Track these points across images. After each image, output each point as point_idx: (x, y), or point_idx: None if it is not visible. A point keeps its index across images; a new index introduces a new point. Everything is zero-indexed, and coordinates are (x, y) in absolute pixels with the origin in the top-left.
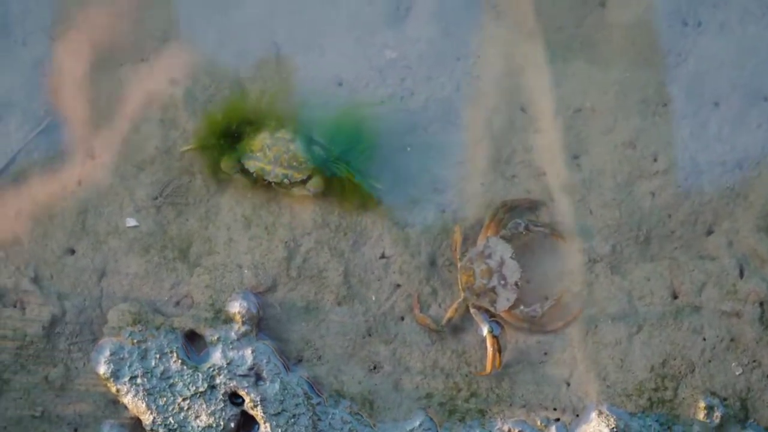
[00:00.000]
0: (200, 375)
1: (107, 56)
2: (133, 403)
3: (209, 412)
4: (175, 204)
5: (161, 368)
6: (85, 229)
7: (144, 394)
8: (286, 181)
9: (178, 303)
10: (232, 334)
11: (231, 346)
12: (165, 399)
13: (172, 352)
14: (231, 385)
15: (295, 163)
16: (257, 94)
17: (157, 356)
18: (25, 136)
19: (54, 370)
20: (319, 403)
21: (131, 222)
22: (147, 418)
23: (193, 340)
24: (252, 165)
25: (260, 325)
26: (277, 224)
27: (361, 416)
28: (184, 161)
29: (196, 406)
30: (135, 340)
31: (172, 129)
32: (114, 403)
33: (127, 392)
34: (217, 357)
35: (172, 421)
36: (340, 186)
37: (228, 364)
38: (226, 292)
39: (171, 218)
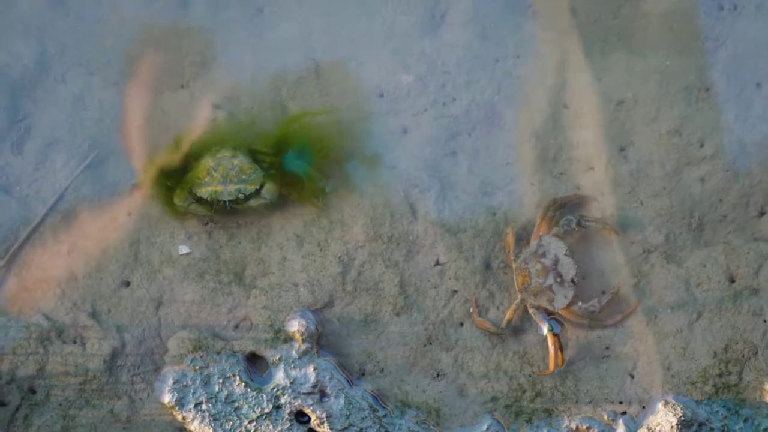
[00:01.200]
0: (264, 396)
1: (147, 85)
2: (200, 429)
3: None
4: (226, 228)
5: (225, 392)
6: (139, 259)
7: (210, 420)
8: (241, 196)
9: (237, 326)
10: (293, 352)
11: (293, 365)
12: (231, 423)
13: (234, 375)
14: (296, 403)
15: (244, 176)
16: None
17: (220, 381)
18: (71, 172)
19: (119, 403)
20: (385, 415)
21: (184, 249)
22: None
23: (254, 362)
24: (204, 191)
25: (320, 341)
26: (329, 240)
27: (428, 425)
28: None
29: (262, 427)
30: (197, 367)
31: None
32: (181, 431)
33: (194, 419)
34: (280, 377)
35: None
36: (296, 186)
37: (291, 383)
38: (284, 312)
39: (223, 242)
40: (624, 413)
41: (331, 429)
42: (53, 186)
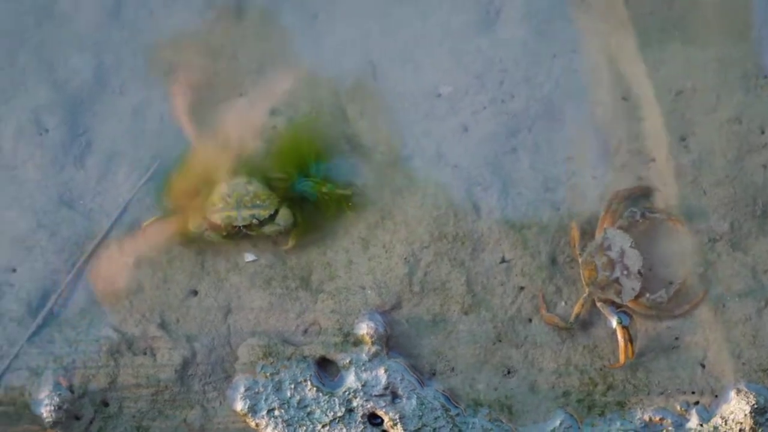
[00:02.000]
0: (336, 400)
1: (205, 95)
2: None
3: None
4: (292, 233)
5: (297, 398)
6: (205, 269)
7: (283, 426)
8: (255, 221)
9: (305, 331)
10: (363, 355)
11: (364, 368)
12: (305, 428)
13: (305, 380)
14: (368, 406)
15: (258, 201)
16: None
17: (292, 386)
18: (134, 184)
19: (192, 413)
20: (458, 414)
21: (250, 257)
22: None
23: (325, 366)
24: (218, 216)
25: (390, 343)
26: (395, 241)
27: (501, 422)
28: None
29: (336, 431)
30: (268, 373)
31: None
32: None
33: (267, 425)
34: (351, 380)
35: None
36: (313, 205)
37: (363, 385)
38: (352, 315)
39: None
40: (697, 403)
41: (404, 430)
42: (117, 199)
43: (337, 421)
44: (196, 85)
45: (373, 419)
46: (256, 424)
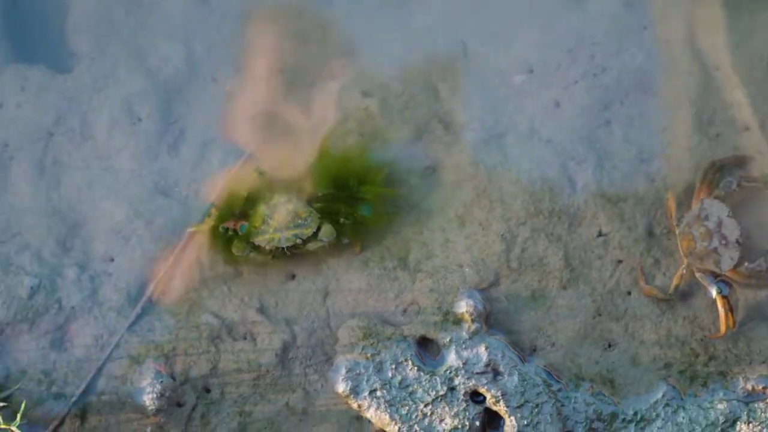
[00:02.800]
0: (438, 379)
1: (296, 79)
2: (377, 416)
3: (453, 414)
4: (387, 213)
5: (399, 378)
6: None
7: (386, 406)
8: (298, 241)
9: (405, 311)
10: (464, 333)
11: (464, 346)
12: (407, 407)
13: (406, 360)
14: (470, 384)
15: (299, 221)
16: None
17: (393, 367)
18: (228, 170)
19: (294, 396)
20: (560, 389)
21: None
22: (392, 429)
23: (425, 346)
24: (262, 240)
25: (489, 320)
26: (491, 218)
27: (604, 395)
28: (389, 171)
29: (439, 410)
30: (369, 354)
31: (372, 141)
32: (357, 420)
33: (369, 406)
34: (452, 358)
35: (418, 429)
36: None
37: (464, 363)
38: (451, 293)
39: (385, 229)
40: None
41: (507, 407)
42: (212, 185)
43: (439, 399)
44: (286, 68)
45: (476, 397)
46: (359, 406)
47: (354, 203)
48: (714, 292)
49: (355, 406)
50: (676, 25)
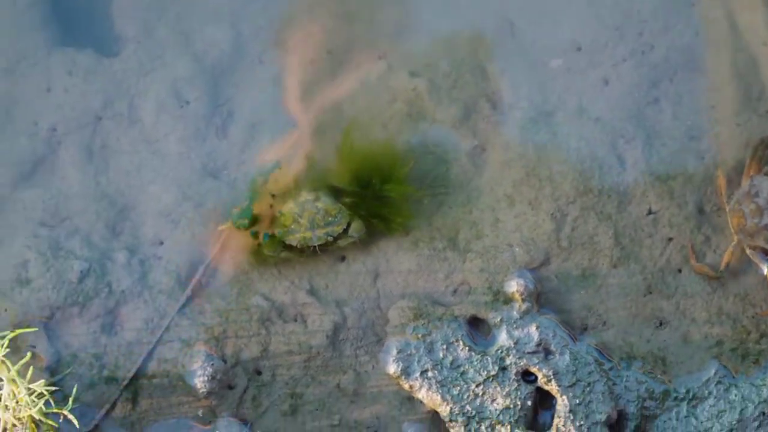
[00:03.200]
0: (489, 359)
1: (344, 60)
2: (428, 396)
3: (504, 393)
4: (436, 194)
5: (450, 358)
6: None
7: (437, 387)
8: (330, 238)
9: (455, 291)
10: (514, 313)
11: (515, 325)
12: (459, 388)
13: (457, 340)
14: (521, 363)
15: (330, 218)
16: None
17: (444, 347)
18: (276, 151)
19: (345, 377)
20: (611, 368)
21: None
22: (444, 410)
23: (476, 326)
24: (293, 239)
25: (540, 300)
26: (540, 197)
27: (655, 374)
28: (438, 151)
29: (490, 389)
30: (419, 335)
31: (421, 121)
32: (409, 400)
33: (421, 387)
34: (503, 338)
35: (470, 409)
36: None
37: (515, 343)
38: (501, 273)
39: (434, 209)
40: None
41: (558, 386)
42: (261, 167)
43: (490, 379)
44: (334, 49)
45: (527, 376)
46: (410, 386)
47: (379, 201)
48: (765, 269)
49: (406, 386)
50: (724, 2)
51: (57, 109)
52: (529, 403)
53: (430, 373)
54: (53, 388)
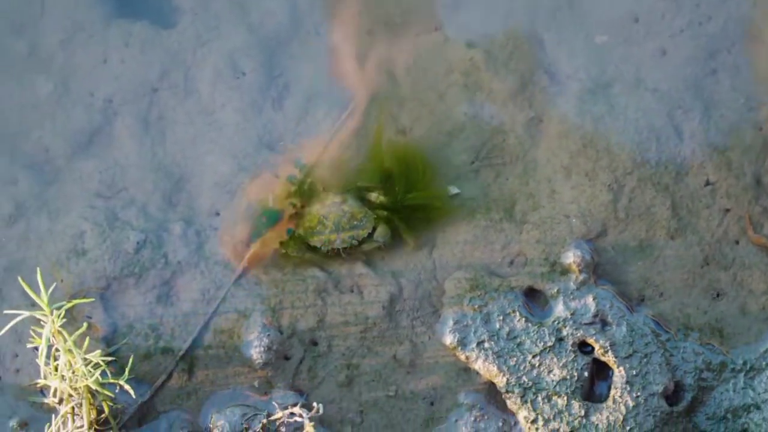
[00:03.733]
0: (546, 330)
1: (401, 31)
2: (485, 367)
3: (561, 365)
4: (493, 165)
5: (506, 329)
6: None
7: (494, 358)
8: (354, 242)
9: (512, 262)
10: (571, 284)
11: (572, 297)
12: (515, 359)
13: (514, 311)
14: (578, 335)
15: (355, 222)
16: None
17: (501, 318)
18: (332, 123)
19: (401, 348)
20: (668, 339)
21: (453, 190)
22: (500, 381)
23: (532, 297)
24: (317, 240)
25: (597, 271)
26: (597, 169)
27: (713, 345)
28: (494, 122)
29: (547, 360)
30: (476, 306)
31: (478, 92)
32: (465, 371)
33: (477, 358)
34: (559, 309)
35: (526, 380)
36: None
37: (572, 314)
38: (558, 244)
39: (491, 180)
40: None
41: (615, 357)
42: (317, 140)
43: (547, 350)
44: (391, 19)
45: (584, 347)
46: (466, 357)
47: (404, 210)
48: None
49: (462, 357)
50: None
51: (113, 80)
52: (586, 374)
53: (486, 344)
54: (109, 359)
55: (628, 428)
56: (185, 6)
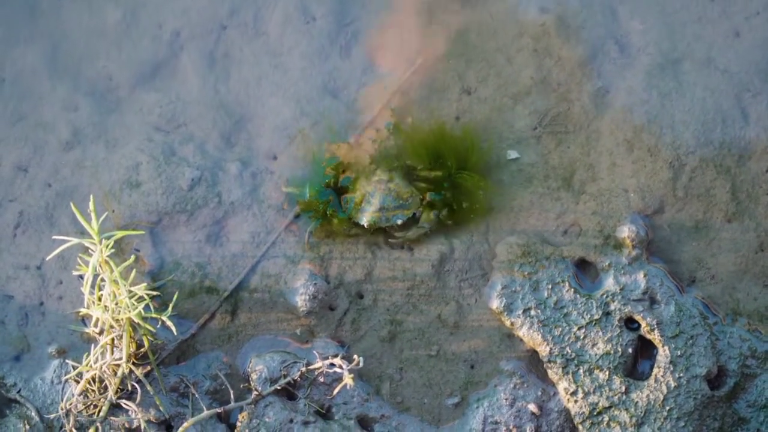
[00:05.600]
0: (594, 303)
1: None
2: (529, 335)
3: (606, 339)
4: (555, 133)
5: (554, 298)
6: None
7: (539, 326)
8: (399, 222)
9: (565, 232)
10: (623, 259)
11: (623, 272)
12: (560, 329)
13: (563, 281)
14: (626, 310)
15: (401, 201)
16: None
17: (549, 287)
18: (399, 77)
19: (446, 308)
20: (716, 323)
21: (512, 154)
22: (543, 350)
23: (583, 268)
24: (362, 218)
25: (650, 248)
26: (660, 145)
27: (760, 332)
28: (560, 89)
29: (592, 334)
30: (526, 273)
31: (546, 58)
32: (509, 337)
33: (522, 325)
34: (609, 283)
35: (569, 351)
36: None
37: (621, 289)
38: (613, 218)
39: (551, 147)
40: None
41: (661, 336)
42: (381, 92)
43: (593, 323)
44: None
45: (630, 324)
46: (512, 323)
47: (453, 187)
48: None
49: (507, 323)
50: None
51: (183, 13)
52: (630, 350)
53: (532, 312)
54: (154, 293)
55: (667, 408)
56: None
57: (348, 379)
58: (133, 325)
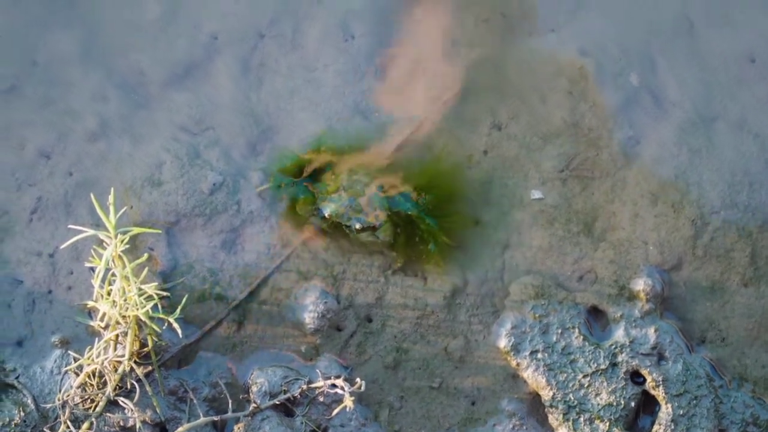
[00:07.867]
0: (602, 352)
1: (517, 25)
2: (533, 377)
3: (610, 390)
4: (581, 177)
5: (563, 343)
6: (489, 200)
7: (544, 369)
8: (357, 225)
9: (581, 278)
10: (636, 311)
11: (634, 324)
12: (565, 375)
13: (574, 327)
14: (633, 363)
15: (369, 209)
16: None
17: (559, 331)
18: (431, 104)
19: (454, 342)
20: (721, 386)
21: (537, 194)
22: (546, 394)
23: (595, 316)
24: (326, 207)
25: (664, 303)
26: (685, 202)
27: (764, 401)
28: (591, 135)
29: (596, 383)
30: (537, 314)
31: (581, 101)
32: (513, 378)
33: (528, 366)
34: (619, 334)
35: (572, 398)
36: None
37: (630, 342)
38: (630, 269)
39: (576, 191)
40: None
41: (665, 393)
42: (411, 114)
43: (599, 373)
44: (509, 16)
45: (636, 377)
46: (517, 364)
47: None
48: None
49: (513, 363)
50: None
51: (222, 17)
52: (633, 404)
53: (539, 355)
54: (163, 294)
55: None
56: None
57: (348, 402)
58: (139, 324)
